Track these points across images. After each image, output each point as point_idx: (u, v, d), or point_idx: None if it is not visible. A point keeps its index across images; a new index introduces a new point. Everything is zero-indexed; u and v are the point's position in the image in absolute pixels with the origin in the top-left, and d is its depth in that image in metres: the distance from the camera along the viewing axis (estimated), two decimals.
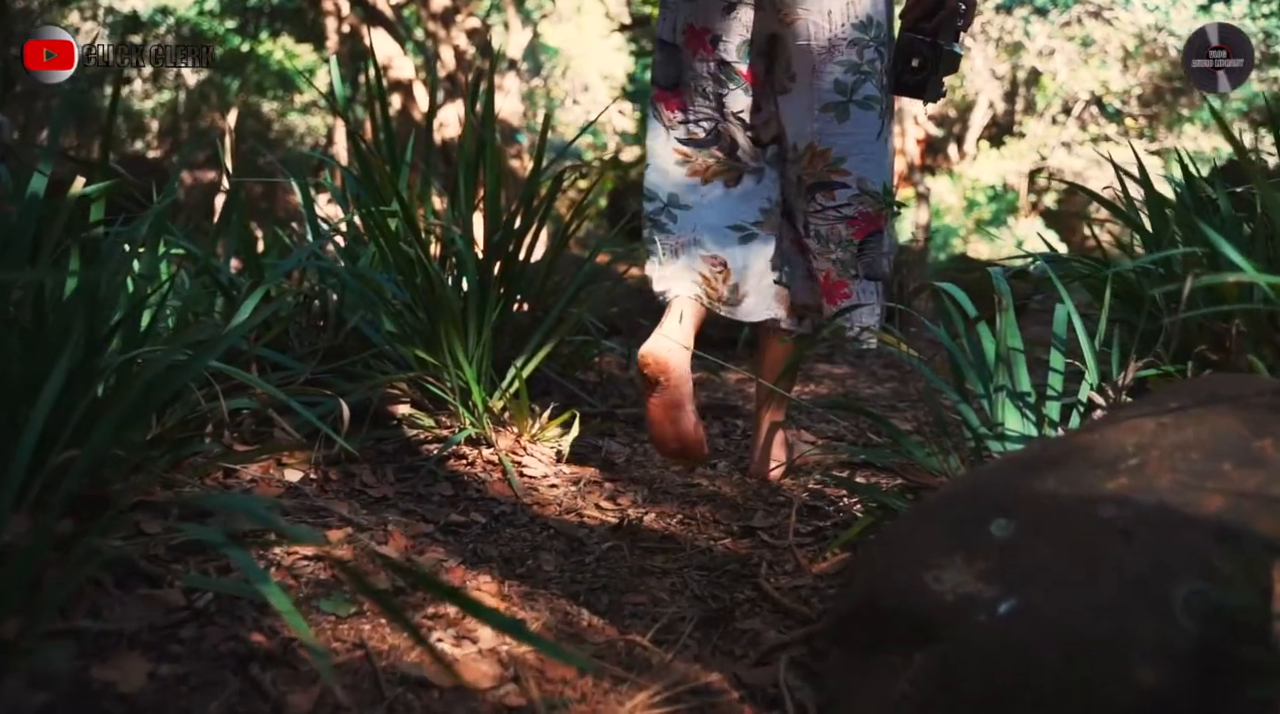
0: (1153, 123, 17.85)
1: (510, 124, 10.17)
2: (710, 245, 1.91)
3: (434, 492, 1.76)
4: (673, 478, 2.01)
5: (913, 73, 1.83)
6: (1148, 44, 16.50)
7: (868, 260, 1.85)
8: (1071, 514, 0.96)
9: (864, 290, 1.86)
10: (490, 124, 2.36)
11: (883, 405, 2.78)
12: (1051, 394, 1.44)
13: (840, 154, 1.82)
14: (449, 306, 2.01)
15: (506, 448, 2.04)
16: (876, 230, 1.86)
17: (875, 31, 1.79)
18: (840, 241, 1.85)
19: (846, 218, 1.84)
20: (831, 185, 1.84)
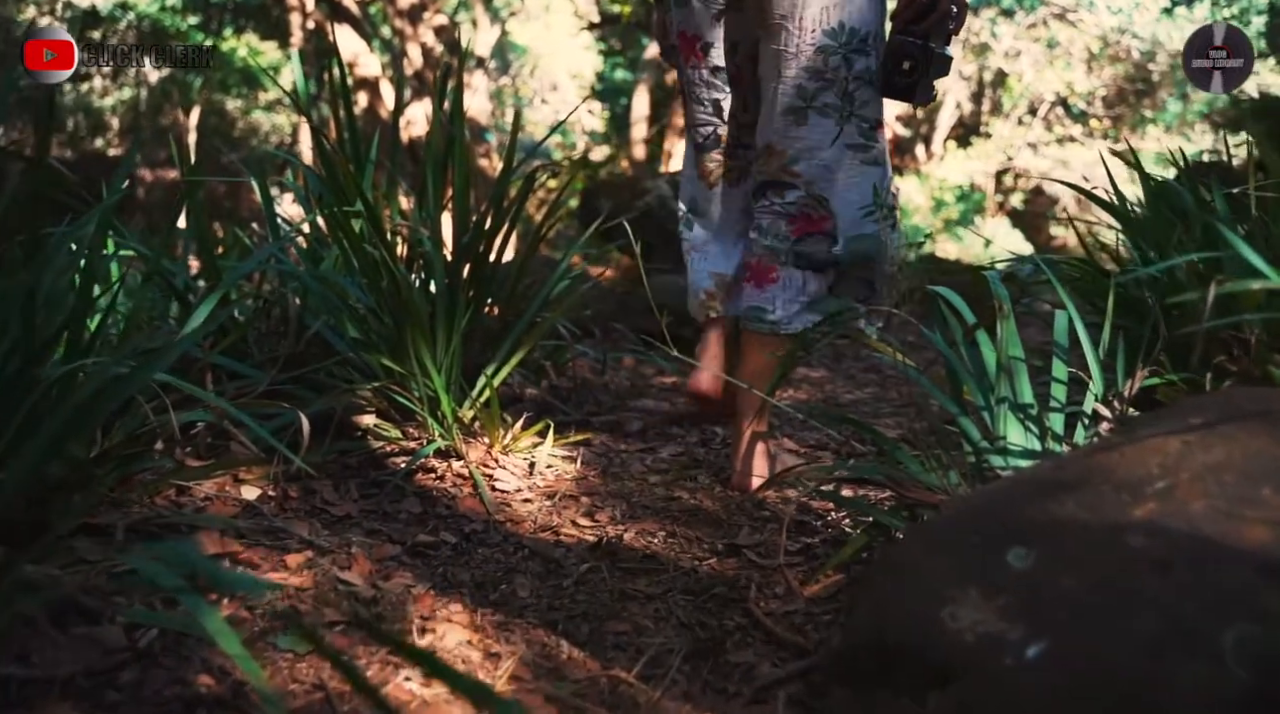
0: (1116, 124, 18.01)
1: (478, 123, 10.05)
2: (719, 261, 2.06)
3: (401, 509, 1.66)
4: (652, 490, 1.92)
5: (903, 75, 1.81)
6: (1111, 46, 16.65)
7: (800, 251, 1.85)
8: (1097, 543, 0.88)
9: (790, 278, 1.86)
10: (460, 121, 2.26)
11: (864, 411, 2.71)
12: (1054, 405, 1.37)
13: (794, 156, 1.84)
14: (416, 311, 1.91)
15: (477, 460, 1.94)
16: (817, 232, 1.85)
17: (846, 39, 1.78)
18: (778, 235, 1.87)
19: (788, 215, 1.86)
20: (782, 185, 1.86)
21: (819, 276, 1.87)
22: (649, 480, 2.00)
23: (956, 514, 1.07)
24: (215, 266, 2.09)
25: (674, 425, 2.49)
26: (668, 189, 4.83)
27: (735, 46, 1.93)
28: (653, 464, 2.12)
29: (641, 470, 2.07)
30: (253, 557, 1.34)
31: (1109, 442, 1.05)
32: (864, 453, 2.21)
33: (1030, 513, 0.97)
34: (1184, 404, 1.09)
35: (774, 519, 1.75)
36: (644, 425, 2.46)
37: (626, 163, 12.54)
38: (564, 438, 2.13)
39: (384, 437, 1.93)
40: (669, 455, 2.21)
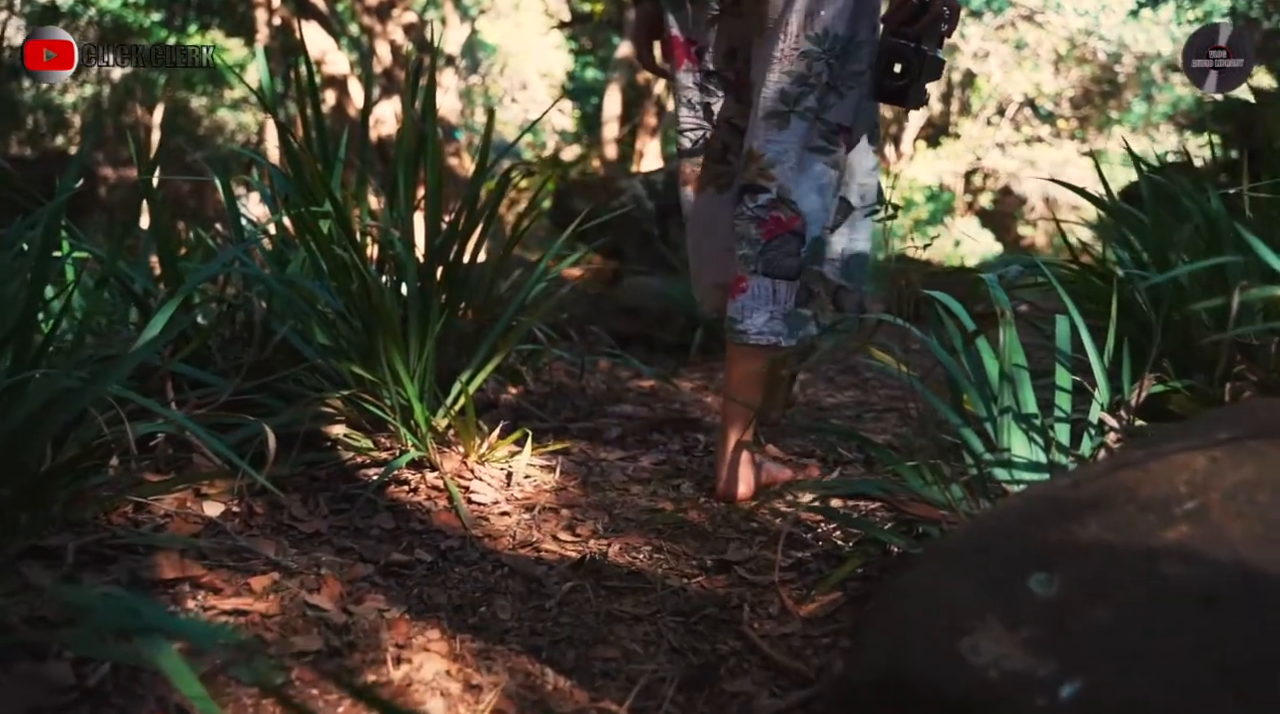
0: (1083, 124, 18.16)
1: (448, 121, 9.94)
2: (716, 274, 2.05)
3: (373, 524, 1.58)
4: (634, 501, 1.85)
5: (895, 78, 1.81)
6: (1078, 47, 16.79)
7: (769, 257, 1.82)
8: (1128, 570, 0.82)
9: (759, 287, 1.82)
10: (432, 118, 2.18)
11: (847, 416, 2.66)
12: (1059, 415, 1.31)
13: (771, 160, 1.82)
14: (387, 316, 1.83)
15: (452, 471, 1.86)
16: (788, 232, 1.82)
17: (830, 44, 1.78)
18: (748, 240, 1.84)
19: (757, 219, 1.83)
20: (757, 189, 1.83)
21: (789, 283, 1.83)
22: (631, 491, 1.93)
23: (970, 534, 1.00)
24: (176, 269, 1.99)
25: (654, 432, 2.42)
26: (643, 189, 4.77)
27: (734, 52, 1.93)
28: (634, 473, 2.05)
29: (623, 480, 2.00)
30: (214, 580, 1.26)
31: (1129, 457, 0.99)
32: (851, 460, 2.15)
33: (1051, 535, 0.91)
34: (1205, 417, 1.03)
35: (762, 532, 1.69)
36: (623, 432, 2.39)
37: (598, 162, 12.46)
38: (542, 447, 2.06)
39: (354, 447, 1.85)
40: (650, 464, 2.14)
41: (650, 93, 13.10)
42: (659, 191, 4.79)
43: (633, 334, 4.00)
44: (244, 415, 1.68)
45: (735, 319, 1.83)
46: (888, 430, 2.45)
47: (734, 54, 1.93)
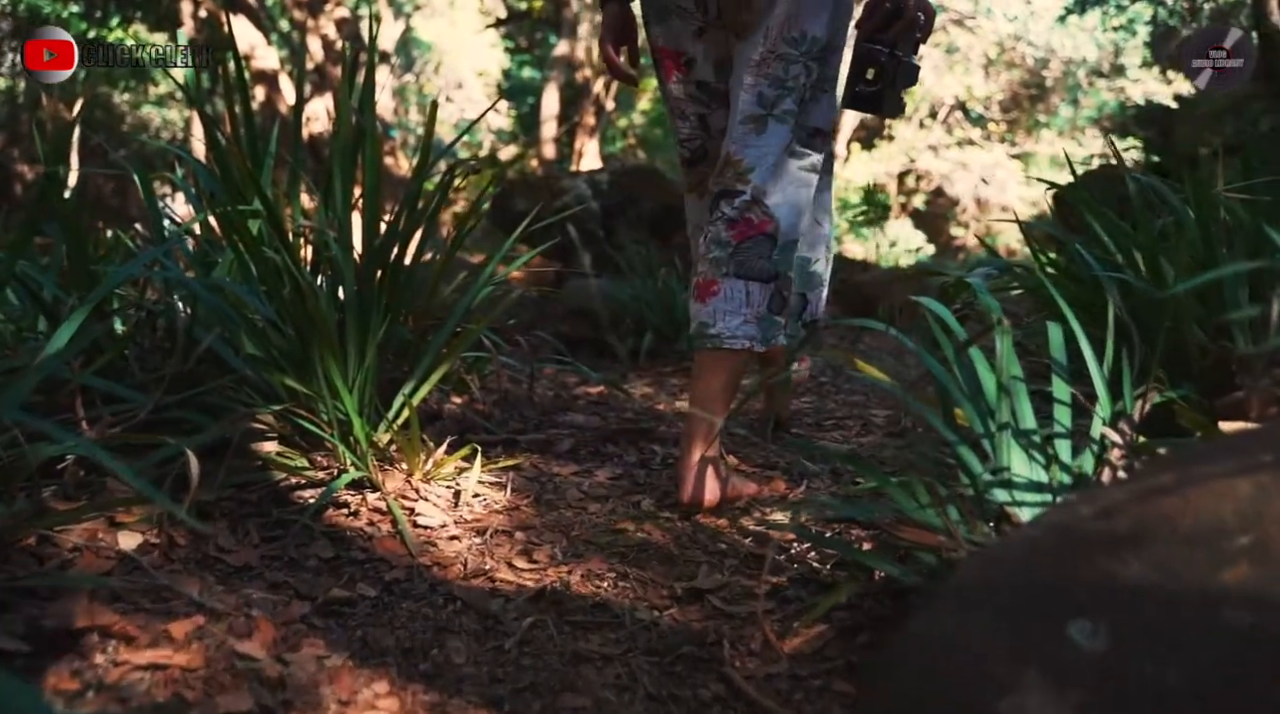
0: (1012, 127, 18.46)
1: (382, 119, 9.70)
2: None
3: (310, 554, 1.44)
4: (592, 521, 1.73)
5: (867, 84, 1.79)
6: (1007, 52, 17.06)
7: (740, 259, 1.78)
8: (1186, 618, 0.72)
9: (731, 289, 1.77)
10: (370, 112, 2.03)
11: (806, 424, 2.56)
12: (1059, 430, 1.22)
13: (750, 165, 1.80)
14: (323, 323, 1.69)
15: (396, 491, 1.72)
16: (760, 234, 1.78)
17: (808, 47, 1.77)
18: (719, 242, 1.80)
19: (729, 220, 1.79)
20: (734, 193, 1.80)
21: (763, 286, 1.79)
22: (588, 509, 1.80)
23: (989, 571, 0.90)
24: (90, 272, 1.82)
25: (607, 443, 2.30)
26: (587, 189, 4.64)
27: (722, 63, 1.92)
28: (590, 489, 1.93)
29: (578, 497, 1.88)
30: (128, 627, 1.11)
31: (1159, 483, 0.90)
32: (817, 473, 2.05)
33: (1087, 574, 0.81)
34: (1239, 437, 0.94)
35: (731, 554, 1.58)
36: (575, 443, 2.27)
37: (536, 162, 12.30)
38: (492, 463, 1.93)
39: (288, 467, 1.70)
40: (606, 478, 2.02)
41: (589, 92, 12.97)
42: (604, 191, 4.67)
43: (580, 338, 3.88)
44: (164, 434, 1.52)
45: (707, 323, 1.77)
46: (851, 439, 2.37)
47: (723, 65, 1.92)
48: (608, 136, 15.18)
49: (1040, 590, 0.82)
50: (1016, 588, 0.85)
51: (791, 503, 1.86)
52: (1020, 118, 18.79)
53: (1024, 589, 0.84)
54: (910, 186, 19.40)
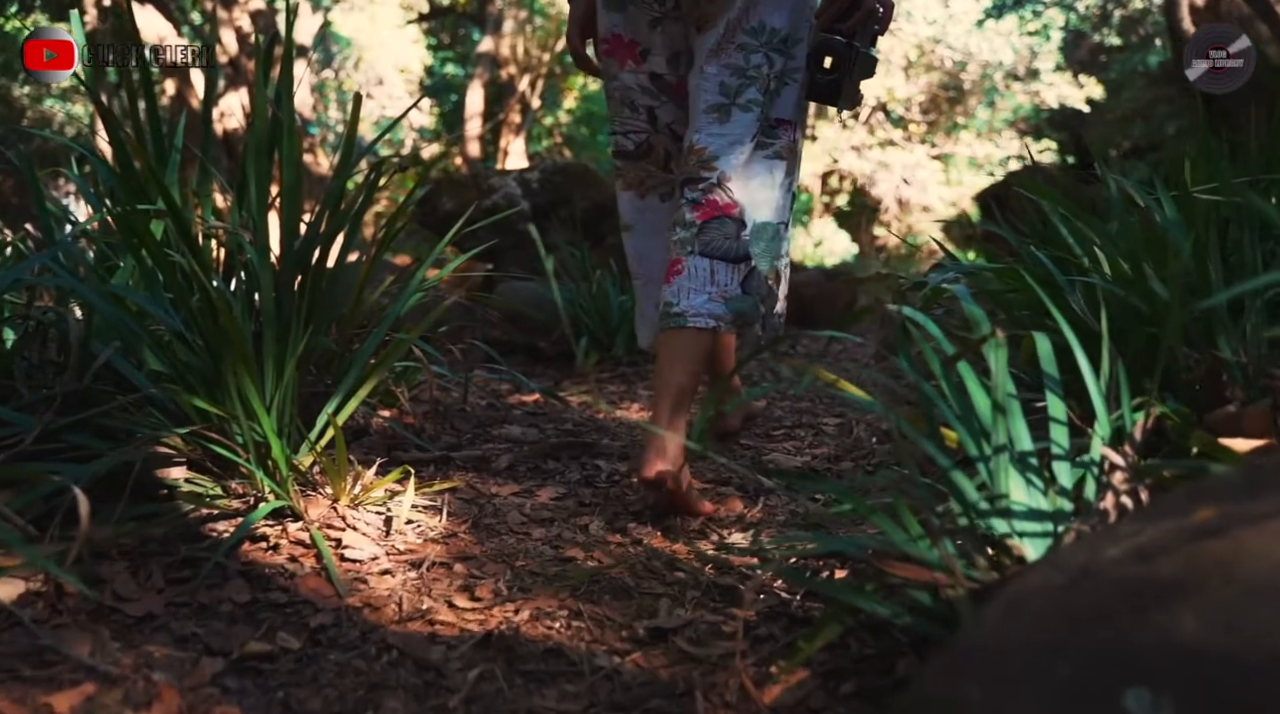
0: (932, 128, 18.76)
1: (302, 115, 9.39)
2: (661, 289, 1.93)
3: (223, 598, 1.28)
4: (537, 549, 1.59)
5: (825, 73, 1.80)
6: (927, 55, 17.30)
7: (705, 238, 1.76)
8: (1264, 688, 0.62)
9: (695, 266, 1.74)
10: (289, 103, 1.86)
11: (756, 435, 2.45)
12: (1057, 452, 1.12)
13: (713, 153, 1.79)
14: (236, 335, 1.52)
15: (320, 520, 1.56)
16: (724, 215, 1.76)
17: (767, 37, 1.77)
18: (684, 224, 1.78)
19: (694, 202, 1.78)
20: (698, 180, 1.79)
21: (730, 266, 1.74)
22: (532, 535, 1.67)
23: (1018, 626, 0.79)
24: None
25: (548, 459, 2.17)
26: (517, 188, 4.48)
27: (677, 56, 1.90)
28: (532, 511, 1.79)
29: (520, 521, 1.74)
30: (2, 702, 0.94)
31: (1203, 522, 0.79)
32: (772, 490, 1.94)
33: (1136, 633, 0.70)
34: (1274, 466, 0.85)
35: (692, 582, 1.45)
36: (514, 460, 2.13)
37: (460, 161, 12.06)
38: (427, 486, 1.78)
39: (199, 497, 1.53)
40: (549, 499, 1.88)
41: (514, 90, 12.78)
42: (534, 190, 4.52)
43: (512, 344, 3.72)
44: (54, 462, 1.35)
45: (671, 302, 1.74)
46: (804, 450, 2.26)
47: (677, 59, 1.89)
48: (533, 135, 14.97)
49: (1083, 650, 0.71)
50: (1052, 646, 0.74)
51: (751, 524, 1.74)
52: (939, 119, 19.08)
53: (1061, 648, 0.73)
54: (834, 187, 19.56)
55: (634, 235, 2.02)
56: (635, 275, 2.08)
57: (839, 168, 18.51)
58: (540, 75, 13.24)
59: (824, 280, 5.02)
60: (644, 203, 1.99)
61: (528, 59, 13.23)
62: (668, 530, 1.71)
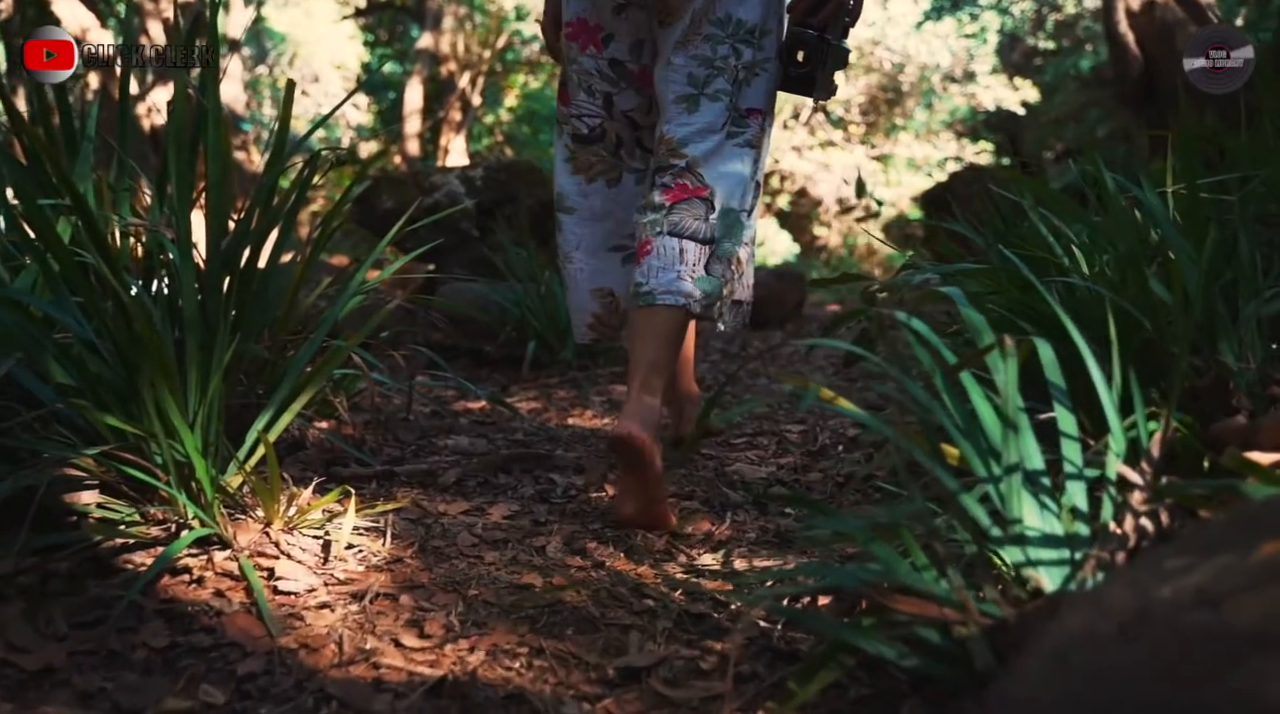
0: (871, 130, 18.91)
1: (234, 111, 9.10)
2: (600, 276, 1.99)
3: (138, 643, 1.13)
4: (491, 575, 1.46)
5: (798, 66, 1.81)
6: (866, 57, 17.40)
7: (674, 218, 1.75)
8: None
9: (664, 246, 1.73)
10: (214, 91, 1.71)
11: (716, 442, 2.34)
12: (1071, 471, 1.02)
13: (683, 140, 1.80)
14: (154, 344, 1.37)
15: (251, 547, 1.42)
16: (694, 197, 1.76)
17: (734, 29, 1.78)
18: (653, 206, 1.78)
19: (663, 187, 1.78)
20: (669, 167, 1.80)
21: (699, 246, 1.74)
22: (484, 558, 1.53)
23: (1065, 681, 0.68)
24: None
25: (499, 472, 2.03)
26: (460, 186, 4.33)
27: (639, 44, 1.89)
28: (484, 532, 1.66)
29: (471, 543, 1.60)
30: None
31: (1271, 559, 0.70)
32: (740, 504, 1.83)
33: (1211, 697, 0.60)
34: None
35: (662, 610, 1.34)
36: (462, 473, 1.99)
37: (399, 159, 11.81)
38: (368, 505, 1.64)
39: (113, 524, 1.37)
40: (501, 517, 1.75)
41: (454, 87, 12.56)
42: (478, 188, 4.37)
43: (456, 347, 3.58)
44: None
45: (641, 282, 1.72)
46: (768, 460, 2.16)
47: (640, 47, 1.88)
48: (474, 133, 14.74)
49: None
50: (1108, 710, 0.64)
51: (720, 543, 1.63)
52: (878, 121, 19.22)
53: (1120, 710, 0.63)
54: (775, 187, 19.62)
55: (576, 219, 1.98)
56: (569, 258, 2.01)
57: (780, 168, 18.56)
58: (481, 73, 13.04)
59: (774, 281, 4.94)
60: (590, 187, 1.97)
61: (468, 56, 13.02)
62: (631, 551, 1.59)
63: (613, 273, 1.99)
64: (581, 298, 2.02)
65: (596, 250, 1.98)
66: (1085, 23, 14.69)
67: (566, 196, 1.99)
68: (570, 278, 2.02)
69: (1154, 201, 1.51)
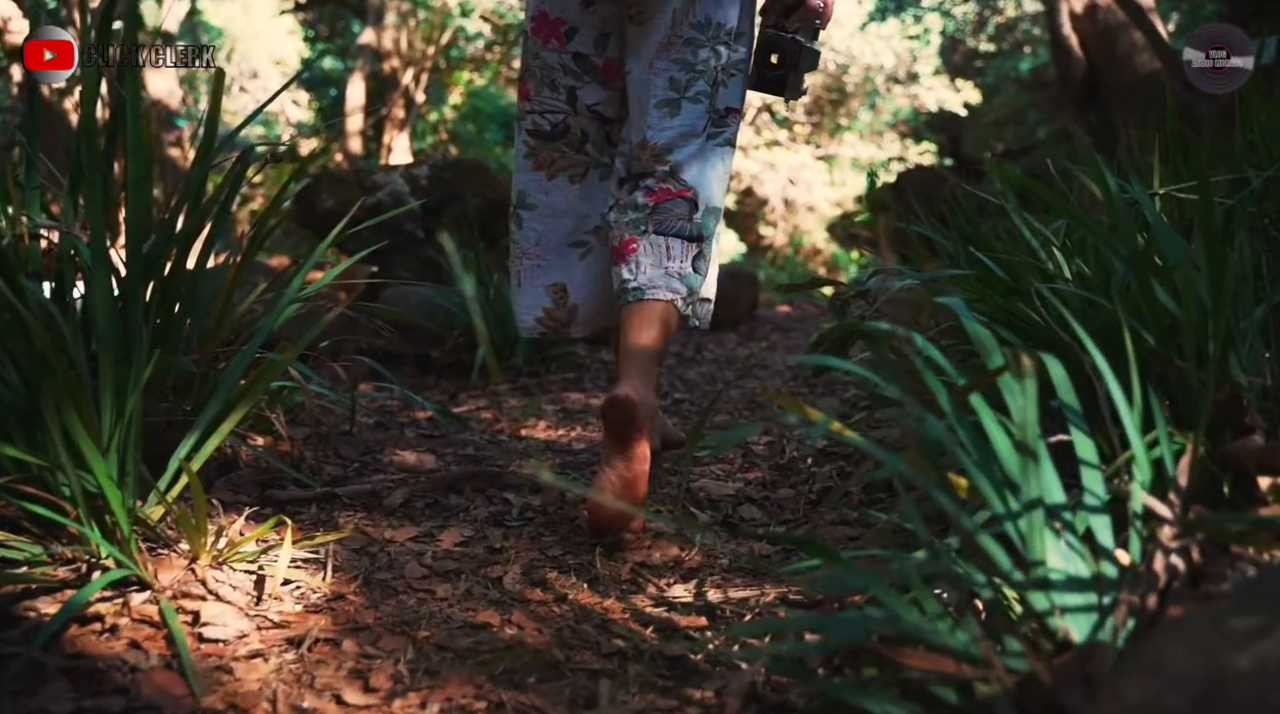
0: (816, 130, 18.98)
1: (168, 106, 8.81)
2: (554, 271, 1.94)
3: (37, 709, 0.98)
4: (444, 613, 1.33)
5: (772, 68, 1.84)
6: None
7: (659, 218, 1.79)
8: None
9: (651, 243, 1.77)
10: (133, 83, 1.56)
11: (680, 456, 2.22)
12: (1093, 504, 0.92)
13: (666, 145, 1.81)
14: (58, 361, 1.22)
15: (174, 587, 1.27)
16: (678, 197, 1.79)
17: (713, 32, 1.79)
18: (635, 207, 1.80)
19: (646, 189, 1.80)
20: (651, 173, 1.81)
21: (685, 243, 1.78)
22: (436, 593, 1.40)
23: None
24: None
25: (449, 492, 1.90)
26: (404, 184, 4.17)
27: (605, 38, 1.86)
28: (434, 562, 1.52)
29: (421, 575, 1.47)
30: None
31: None
32: (709, 525, 1.72)
33: None
34: None
35: (632, 652, 1.22)
36: (409, 494, 1.85)
37: (341, 157, 11.54)
38: (307, 536, 1.50)
39: (11, 565, 1.22)
40: (453, 544, 1.62)
41: (397, 84, 12.31)
42: (423, 187, 4.21)
43: (402, 354, 3.42)
44: None
45: (627, 279, 1.75)
46: (735, 475, 2.05)
47: (605, 40, 1.86)
48: (418, 131, 14.48)
49: None
50: None
51: (691, 571, 1.52)
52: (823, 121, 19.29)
53: None
54: None
55: (537, 216, 1.93)
56: (526, 254, 1.95)
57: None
58: (424, 69, 12.79)
59: (727, 280, 4.83)
60: (552, 183, 1.92)
61: (411, 52, 12.77)
62: (595, 581, 1.47)
63: (569, 269, 1.95)
64: (533, 293, 1.96)
65: (556, 246, 1.94)
66: (1025, 25, 14.86)
67: (527, 193, 1.94)
68: (525, 273, 1.96)
69: (1146, 201, 1.42)
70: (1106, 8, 7.80)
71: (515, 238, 1.96)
